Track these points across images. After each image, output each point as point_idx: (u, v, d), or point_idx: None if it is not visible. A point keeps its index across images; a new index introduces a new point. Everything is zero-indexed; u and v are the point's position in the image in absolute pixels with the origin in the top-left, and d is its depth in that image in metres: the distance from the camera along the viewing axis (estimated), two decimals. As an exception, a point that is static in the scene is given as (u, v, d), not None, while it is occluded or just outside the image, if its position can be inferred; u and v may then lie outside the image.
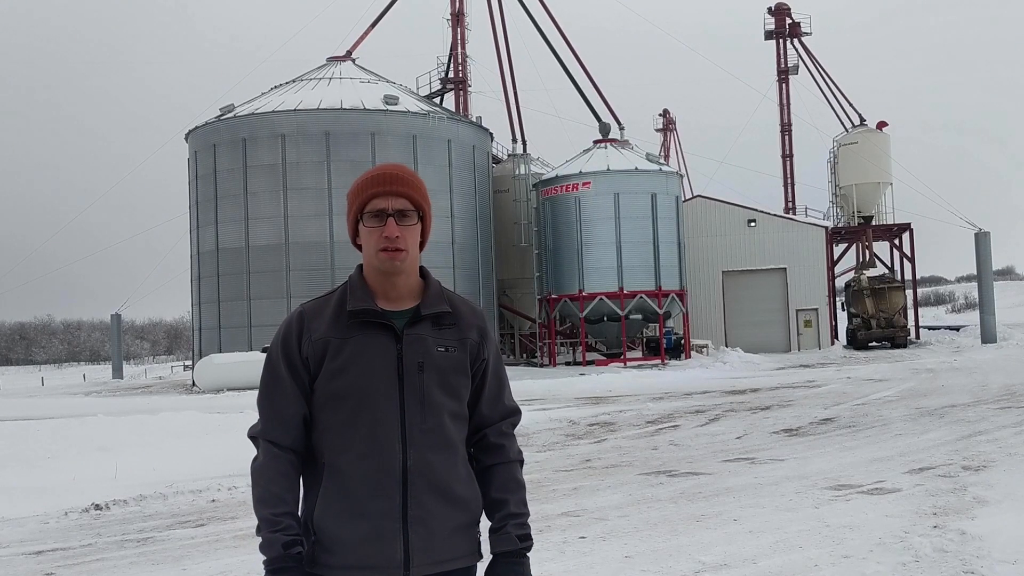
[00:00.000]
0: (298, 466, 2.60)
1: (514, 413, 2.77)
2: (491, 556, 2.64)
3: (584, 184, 39.94)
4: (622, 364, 38.57)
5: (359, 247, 2.66)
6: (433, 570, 2.54)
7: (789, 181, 63.47)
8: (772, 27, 61.74)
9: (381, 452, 2.50)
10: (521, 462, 2.75)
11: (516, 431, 2.78)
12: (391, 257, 2.56)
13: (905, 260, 52.48)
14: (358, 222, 2.62)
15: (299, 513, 2.59)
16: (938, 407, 16.89)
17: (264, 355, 3.35)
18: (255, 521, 2.57)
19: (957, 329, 55.27)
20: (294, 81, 41.79)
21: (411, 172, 2.66)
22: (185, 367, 55.28)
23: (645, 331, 42.38)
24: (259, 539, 2.53)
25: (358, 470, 2.50)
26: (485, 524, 2.69)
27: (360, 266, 2.68)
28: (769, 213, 49.65)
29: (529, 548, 2.64)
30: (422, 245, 2.68)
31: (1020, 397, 18.14)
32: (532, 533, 2.69)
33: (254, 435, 2.61)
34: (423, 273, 2.71)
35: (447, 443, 2.57)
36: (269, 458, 2.56)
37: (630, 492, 9.59)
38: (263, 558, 2.51)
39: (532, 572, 2.65)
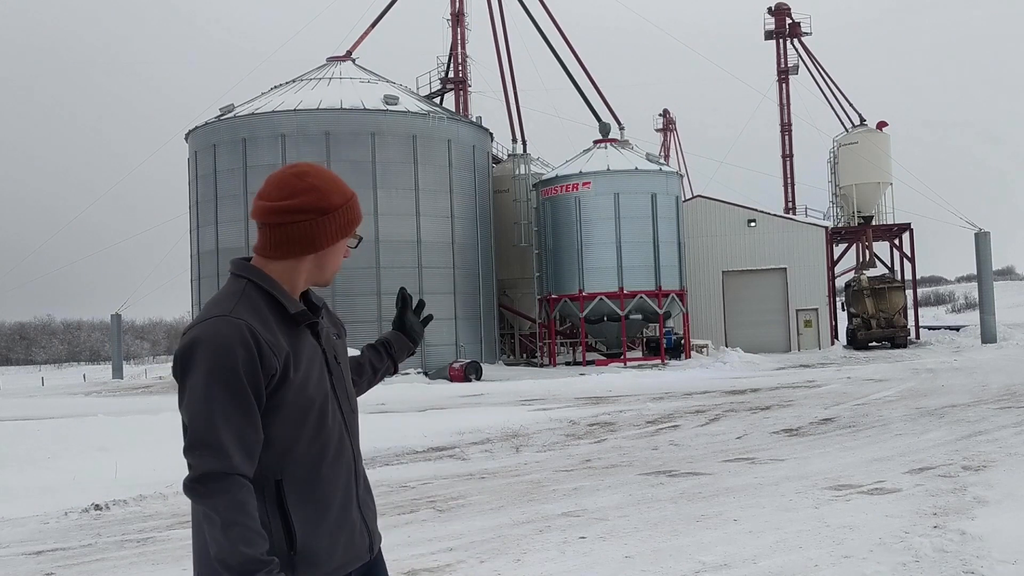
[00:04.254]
0: None
1: None
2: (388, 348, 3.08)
3: (584, 184, 39.95)
4: (622, 364, 38.58)
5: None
6: (378, 542, 2.67)
7: (789, 181, 63.52)
8: (772, 27, 61.79)
9: (343, 451, 2.55)
10: None
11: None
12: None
13: (905, 260, 52.52)
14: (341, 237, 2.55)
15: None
16: (938, 407, 16.88)
17: None
18: None
19: (957, 329, 55.26)
20: (294, 81, 41.80)
21: None
22: (185, 367, 55.22)
23: (645, 331, 42.39)
24: None
25: (331, 475, 2.48)
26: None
27: (248, 262, 2.51)
28: (769, 213, 49.65)
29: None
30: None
31: (1020, 397, 18.13)
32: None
33: (223, 471, 2.27)
34: None
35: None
36: (244, 492, 2.28)
37: (630, 492, 9.58)
38: None
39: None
